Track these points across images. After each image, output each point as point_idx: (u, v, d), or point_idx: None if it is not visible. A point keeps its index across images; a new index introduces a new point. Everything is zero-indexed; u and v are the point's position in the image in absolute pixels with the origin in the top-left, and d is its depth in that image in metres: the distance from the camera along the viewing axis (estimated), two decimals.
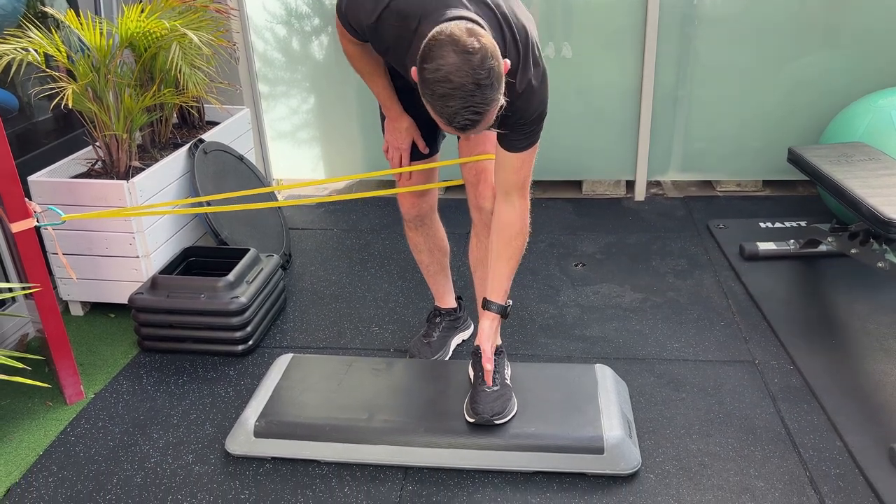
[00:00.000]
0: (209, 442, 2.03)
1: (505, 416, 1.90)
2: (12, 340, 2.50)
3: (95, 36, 2.42)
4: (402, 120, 2.00)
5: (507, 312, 1.91)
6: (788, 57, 3.34)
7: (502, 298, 1.89)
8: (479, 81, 1.40)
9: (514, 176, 1.78)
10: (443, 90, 1.40)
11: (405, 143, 2.03)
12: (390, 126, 2.03)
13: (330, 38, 3.51)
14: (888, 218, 2.14)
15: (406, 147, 2.03)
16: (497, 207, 1.83)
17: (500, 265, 1.86)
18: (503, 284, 1.88)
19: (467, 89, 1.40)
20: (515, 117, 1.65)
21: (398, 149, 2.04)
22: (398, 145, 2.04)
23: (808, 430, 2.00)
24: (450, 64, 1.39)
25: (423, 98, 1.46)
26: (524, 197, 1.82)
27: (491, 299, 1.89)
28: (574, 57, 3.40)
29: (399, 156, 2.06)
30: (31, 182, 2.49)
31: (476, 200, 2.00)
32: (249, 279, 2.46)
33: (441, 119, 1.46)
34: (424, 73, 1.42)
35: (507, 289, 1.89)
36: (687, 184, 3.70)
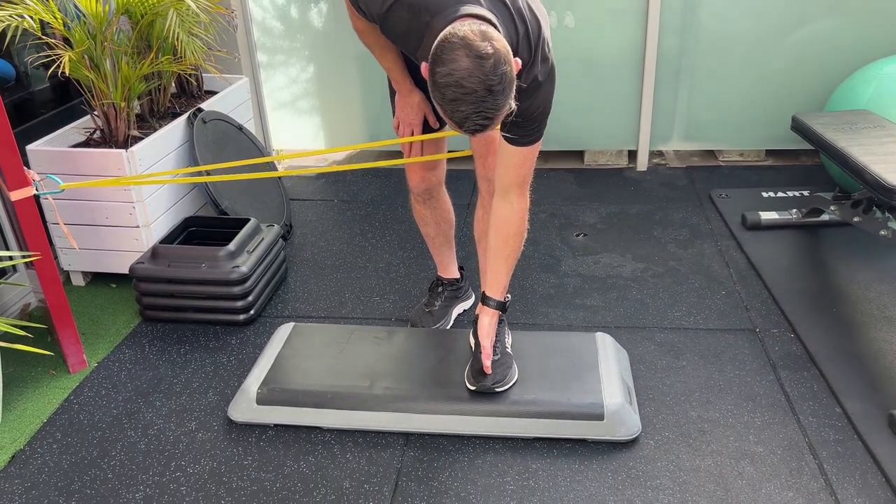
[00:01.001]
0: (212, 409, 2.04)
1: (506, 384, 1.91)
2: (14, 310, 2.50)
3: (91, 2, 2.38)
4: (414, 95, 1.97)
5: (506, 307, 1.94)
6: (793, 25, 3.29)
7: (501, 294, 1.91)
8: (491, 87, 1.37)
9: (514, 172, 1.77)
10: (454, 94, 1.38)
11: (417, 119, 2.01)
12: (401, 101, 2.00)
13: (329, 5, 3.47)
14: (892, 185, 2.13)
15: (418, 122, 2.01)
16: (495, 205, 1.83)
17: (499, 263, 1.87)
18: (501, 281, 1.89)
19: (479, 95, 1.37)
20: (519, 112, 1.60)
21: (410, 124, 2.02)
22: (410, 120, 2.02)
23: (808, 396, 2.00)
24: (462, 69, 1.36)
25: (432, 99, 1.44)
26: (523, 196, 1.81)
27: (490, 295, 1.91)
28: (576, 26, 3.36)
29: (411, 131, 2.04)
30: (29, 151, 2.48)
31: (484, 171, 1.98)
32: (250, 249, 2.46)
33: (451, 122, 1.44)
34: (436, 77, 1.39)
35: (506, 285, 1.91)
36: (689, 153, 3.67)
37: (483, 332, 1.91)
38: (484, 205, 2.02)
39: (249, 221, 2.54)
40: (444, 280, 2.38)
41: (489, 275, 1.91)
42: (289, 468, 1.83)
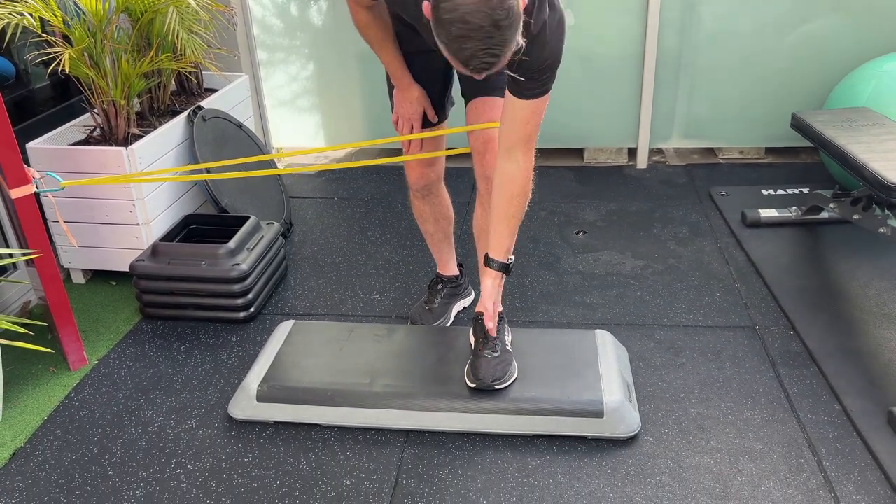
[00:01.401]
0: (212, 407, 2.05)
1: (505, 381, 1.91)
2: (15, 307, 2.51)
3: (91, 0, 2.38)
4: (413, 90, 1.96)
5: (510, 269, 1.87)
6: (793, 22, 3.29)
7: (504, 256, 1.85)
8: (497, 22, 1.33)
9: (521, 128, 1.72)
10: (459, 31, 1.34)
11: (416, 114, 2.00)
12: (400, 96, 2.00)
13: (329, 3, 3.46)
14: (891, 183, 2.13)
15: (417, 118, 2.01)
16: (500, 164, 1.78)
17: (501, 224, 1.82)
18: (504, 242, 1.84)
19: (486, 31, 1.33)
20: (529, 61, 1.58)
21: (409, 119, 2.01)
22: (409, 116, 2.01)
23: (807, 394, 2.01)
24: (467, 3, 1.32)
25: (436, 38, 1.39)
26: (528, 154, 1.76)
27: (492, 257, 1.85)
28: (577, 23, 3.36)
29: (410, 126, 2.03)
30: (29, 149, 2.48)
31: (483, 170, 1.96)
32: (250, 246, 2.46)
33: (456, 61, 1.40)
34: (439, 13, 1.35)
35: (510, 247, 1.85)
36: (689, 151, 3.67)
37: (486, 293, 1.85)
38: (482, 203, 2.01)
39: (249, 219, 2.54)
40: (443, 277, 2.38)
41: (492, 236, 1.84)
42: (289, 465, 1.83)
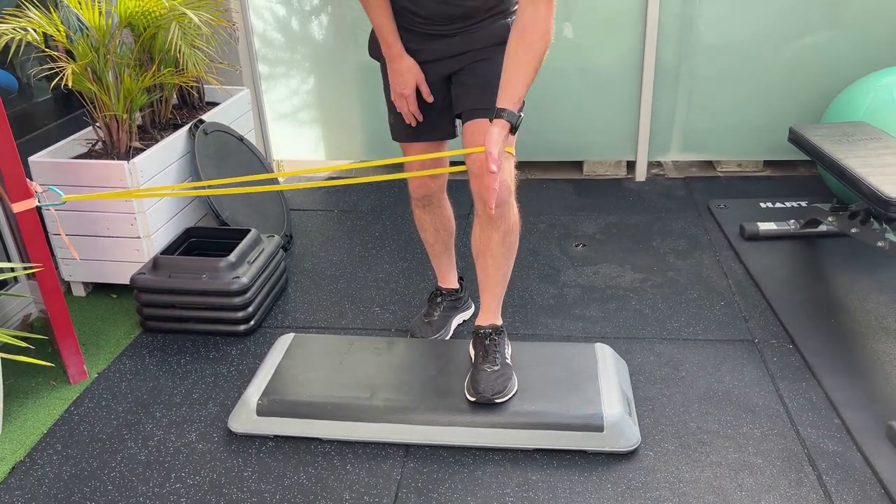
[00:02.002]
0: (212, 420, 2.05)
1: (505, 395, 1.91)
2: (15, 321, 2.51)
3: (94, 15, 2.41)
4: (403, 60, 1.91)
5: (518, 124, 1.71)
6: (790, 36, 3.32)
7: (514, 105, 1.69)
8: None
9: None
10: None
11: (409, 88, 1.93)
12: (392, 69, 1.94)
13: (330, 18, 3.49)
14: (889, 197, 2.14)
15: (410, 92, 1.94)
16: (521, 11, 1.67)
17: (517, 70, 1.68)
18: (517, 91, 1.69)
19: None
20: None
21: (402, 95, 1.95)
22: (401, 90, 1.94)
23: (807, 407, 2.01)
24: None
25: None
26: (550, 6, 1.67)
27: (502, 106, 1.69)
28: (575, 36, 3.39)
29: (405, 103, 1.96)
30: (31, 162, 2.49)
31: (480, 193, 1.91)
32: (251, 260, 2.47)
33: None
34: None
35: (521, 96, 1.71)
36: (688, 164, 3.69)
37: (491, 139, 1.66)
38: (480, 223, 1.96)
39: (250, 232, 2.55)
40: (443, 290, 2.39)
41: (504, 84, 1.70)
42: (289, 480, 1.83)
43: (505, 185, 1.83)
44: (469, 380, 1.96)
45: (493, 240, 1.92)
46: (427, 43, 1.90)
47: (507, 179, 1.84)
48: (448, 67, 1.93)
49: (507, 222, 1.90)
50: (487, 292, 2.03)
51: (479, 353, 1.99)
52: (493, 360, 1.95)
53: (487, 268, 1.98)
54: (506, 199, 1.85)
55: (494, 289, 2.02)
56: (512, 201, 1.89)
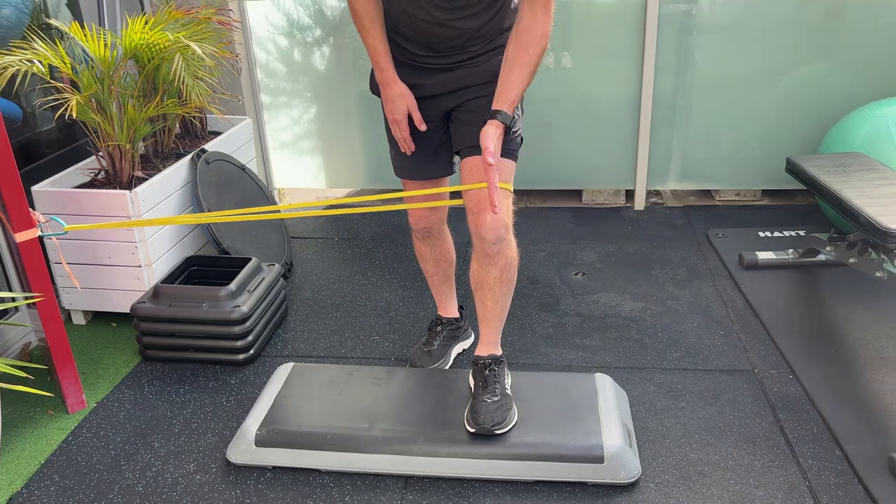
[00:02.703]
0: (210, 451, 2.04)
1: (505, 426, 1.91)
2: (15, 349, 2.51)
3: (100, 47, 2.44)
4: (396, 85, 1.91)
5: (512, 124, 1.76)
6: (786, 67, 3.36)
7: (510, 108, 1.74)
8: None
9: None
10: None
11: (401, 113, 1.93)
12: (385, 96, 1.94)
13: (331, 48, 3.54)
14: (886, 228, 2.16)
15: (402, 117, 1.93)
16: (519, 16, 1.72)
17: (513, 73, 1.73)
18: (512, 93, 1.74)
19: None
20: None
21: (395, 121, 1.95)
22: (393, 116, 1.94)
23: (808, 439, 2.00)
24: None
25: None
26: (548, 10, 1.71)
27: (497, 108, 1.74)
28: (573, 67, 3.43)
29: (398, 129, 1.96)
30: (34, 192, 2.51)
31: (477, 229, 1.90)
32: (251, 288, 2.48)
33: None
34: None
35: (516, 98, 1.76)
36: (686, 193, 3.71)
37: (486, 136, 1.70)
38: (478, 258, 1.95)
39: (251, 261, 2.56)
40: (443, 319, 2.39)
41: (501, 85, 1.75)
42: None
43: (502, 221, 1.84)
44: (469, 411, 1.95)
45: (491, 275, 1.93)
46: (426, 77, 1.92)
47: (505, 216, 1.85)
48: (447, 103, 1.95)
49: (504, 258, 1.91)
50: (486, 325, 2.03)
51: (478, 383, 1.99)
52: (492, 390, 1.95)
53: (486, 301, 1.98)
54: (503, 236, 1.86)
55: (493, 322, 2.03)
56: (510, 237, 1.90)
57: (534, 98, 3.47)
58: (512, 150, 1.89)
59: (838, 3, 3.25)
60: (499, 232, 1.84)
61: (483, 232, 1.86)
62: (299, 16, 3.48)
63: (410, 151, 2.01)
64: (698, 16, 3.32)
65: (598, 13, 3.35)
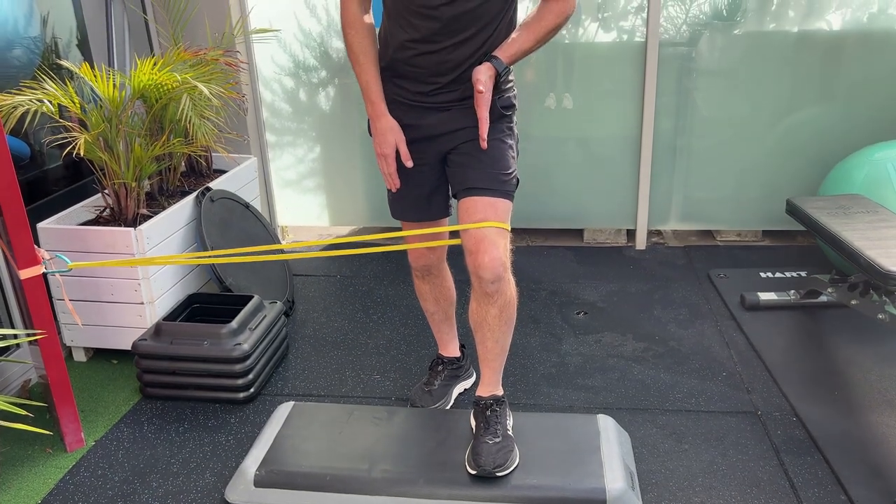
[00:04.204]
0: (209, 491, 2.02)
1: (507, 469, 1.89)
2: (15, 386, 2.50)
3: (109, 88, 2.49)
4: (386, 119, 1.92)
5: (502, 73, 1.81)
6: (786, 109, 3.41)
7: (506, 59, 1.82)
8: None
9: None
10: None
11: (389, 147, 1.92)
12: (374, 129, 1.95)
13: (336, 89, 3.59)
14: (887, 270, 2.16)
15: (390, 151, 1.92)
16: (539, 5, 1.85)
17: (520, 34, 1.83)
18: (512, 47, 1.82)
19: None
20: None
21: (381, 154, 1.94)
22: (381, 150, 1.94)
23: (813, 483, 1.98)
24: None
25: None
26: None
27: (494, 54, 1.82)
28: (574, 107, 3.48)
29: (384, 164, 1.95)
30: (40, 229, 2.53)
31: (476, 269, 1.90)
32: (252, 326, 2.48)
33: None
34: None
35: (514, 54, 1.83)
36: (687, 233, 3.73)
37: (478, 71, 1.79)
38: (477, 298, 1.95)
39: (253, 299, 2.57)
40: (444, 358, 2.38)
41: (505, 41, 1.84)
42: None
43: (500, 260, 1.85)
44: (470, 452, 1.94)
45: (491, 314, 1.93)
46: (422, 118, 1.93)
47: (503, 255, 1.87)
48: (442, 146, 1.96)
49: (503, 297, 1.91)
50: (486, 365, 2.03)
51: (480, 424, 1.98)
52: (494, 431, 1.94)
53: (486, 341, 1.98)
54: (501, 275, 1.87)
55: (493, 362, 2.02)
56: (508, 276, 1.90)
57: (536, 137, 3.52)
58: (508, 192, 1.91)
59: (837, 47, 3.30)
60: (497, 271, 1.85)
61: (481, 271, 1.87)
62: (305, 57, 3.55)
63: (395, 188, 1.98)
64: (698, 58, 3.38)
65: (600, 55, 3.41)
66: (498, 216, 1.87)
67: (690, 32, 3.36)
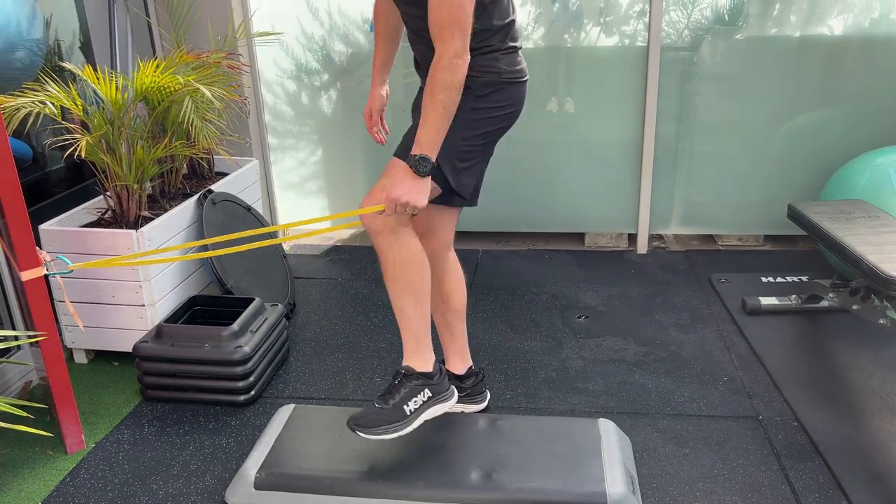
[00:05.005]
0: (209, 493, 2.02)
1: (367, 433, 1.91)
2: (16, 388, 2.50)
3: (111, 90, 2.49)
4: (374, 88, 2.22)
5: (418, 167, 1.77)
6: (788, 114, 3.41)
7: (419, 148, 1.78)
8: None
9: (433, 18, 1.75)
10: None
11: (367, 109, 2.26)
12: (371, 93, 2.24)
13: (338, 92, 3.60)
14: (888, 275, 2.16)
15: (367, 113, 2.26)
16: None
17: (423, 109, 1.79)
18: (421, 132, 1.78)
19: None
20: None
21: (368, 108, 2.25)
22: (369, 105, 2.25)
23: (814, 488, 1.98)
24: None
25: None
26: (442, 37, 1.74)
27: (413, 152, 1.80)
28: (576, 112, 3.48)
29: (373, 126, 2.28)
30: (41, 231, 2.53)
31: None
32: (253, 329, 2.48)
33: None
34: None
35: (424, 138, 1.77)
36: (689, 237, 3.73)
37: (385, 171, 1.91)
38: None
39: (254, 301, 2.57)
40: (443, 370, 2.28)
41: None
42: None
43: (368, 215, 1.90)
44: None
45: (384, 273, 1.98)
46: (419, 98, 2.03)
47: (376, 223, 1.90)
48: None
49: (385, 256, 1.94)
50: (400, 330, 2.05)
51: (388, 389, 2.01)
52: (385, 399, 1.96)
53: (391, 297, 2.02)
54: (373, 229, 1.91)
55: (400, 326, 2.04)
56: (389, 236, 1.90)
57: (538, 141, 3.53)
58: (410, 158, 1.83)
59: (839, 51, 3.31)
60: (372, 224, 1.90)
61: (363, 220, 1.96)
62: (307, 60, 3.55)
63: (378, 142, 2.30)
64: (699, 63, 3.38)
65: (602, 59, 3.42)
66: (392, 177, 1.85)
67: (692, 37, 3.36)
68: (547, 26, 3.42)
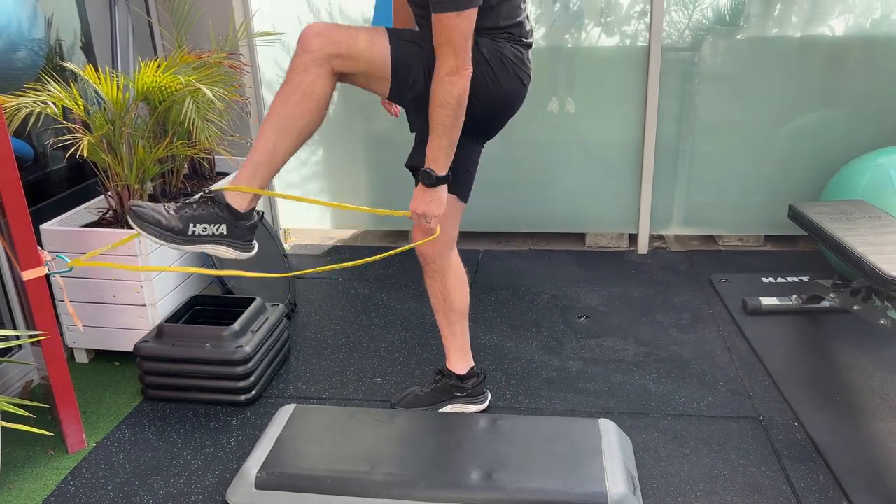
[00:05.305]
0: (210, 493, 2.02)
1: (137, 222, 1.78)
2: (17, 387, 2.50)
3: (112, 90, 2.49)
4: None
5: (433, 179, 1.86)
6: (788, 114, 3.41)
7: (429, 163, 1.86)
8: None
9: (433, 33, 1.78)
10: None
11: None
12: None
13: (339, 92, 3.60)
14: (889, 276, 2.16)
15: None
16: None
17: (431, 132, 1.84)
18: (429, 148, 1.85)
19: None
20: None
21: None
22: None
23: (815, 488, 1.98)
24: None
25: None
26: (438, 57, 1.77)
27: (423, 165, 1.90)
28: (577, 112, 3.48)
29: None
30: (42, 230, 2.53)
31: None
32: (254, 328, 2.48)
33: None
34: None
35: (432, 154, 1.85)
36: (689, 238, 3.73)
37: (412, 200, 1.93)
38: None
39: (255, 301, 2.57)
40: (442, 368, 2.31)
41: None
42: None
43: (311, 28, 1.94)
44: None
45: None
46: None
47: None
48: None
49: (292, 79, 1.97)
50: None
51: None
52: (181, 208, 1.87)
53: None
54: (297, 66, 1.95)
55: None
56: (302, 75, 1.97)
57: (538, 141, 3.53)
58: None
59: (840, 52, 3.31)
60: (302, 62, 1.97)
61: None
62: None
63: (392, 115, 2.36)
64: (700, 63, 3.38)
65: (602, 59, 3.42)
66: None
67: (693, 37, 3.36)
68: (548, 26, 3.43)
